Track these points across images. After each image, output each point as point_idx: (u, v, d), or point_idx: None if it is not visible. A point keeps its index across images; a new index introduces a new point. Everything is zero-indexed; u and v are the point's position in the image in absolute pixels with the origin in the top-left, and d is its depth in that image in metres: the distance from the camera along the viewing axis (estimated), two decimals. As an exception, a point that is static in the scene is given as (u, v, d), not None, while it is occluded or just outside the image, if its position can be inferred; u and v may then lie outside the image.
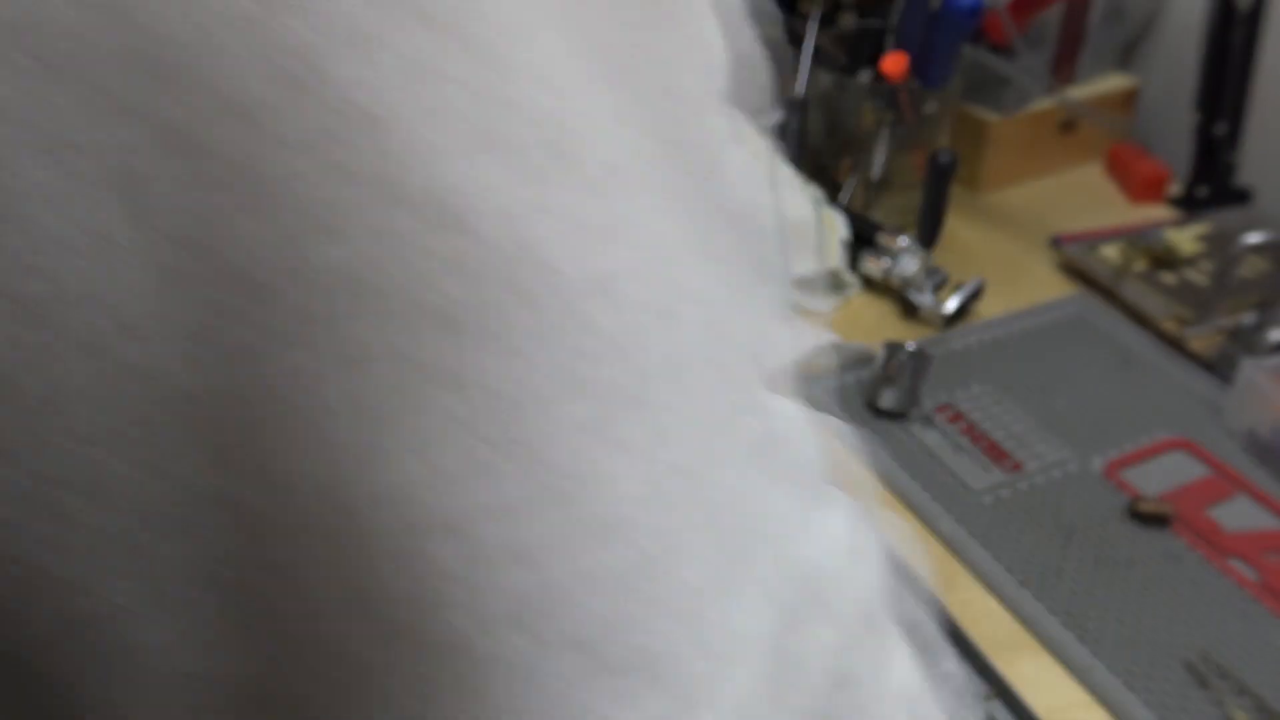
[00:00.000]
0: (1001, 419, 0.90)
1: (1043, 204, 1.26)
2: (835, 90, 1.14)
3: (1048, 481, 0.83)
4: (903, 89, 1.11)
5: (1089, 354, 0.98)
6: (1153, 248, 1.09)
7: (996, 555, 0.76)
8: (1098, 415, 0.90)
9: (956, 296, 1.02)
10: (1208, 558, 0.76)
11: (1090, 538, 0.78)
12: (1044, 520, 0.80)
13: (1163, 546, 0.77)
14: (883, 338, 0.95)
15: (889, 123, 1.13)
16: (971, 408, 0.91)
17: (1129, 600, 0.73)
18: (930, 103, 1.12)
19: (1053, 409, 0.91)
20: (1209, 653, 0.69)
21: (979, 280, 1.04)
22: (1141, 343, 0.99)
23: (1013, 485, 0.83)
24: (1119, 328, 1.02)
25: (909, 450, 0.86)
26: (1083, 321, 1.03)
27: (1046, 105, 1.27)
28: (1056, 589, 0.74)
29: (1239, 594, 0.73)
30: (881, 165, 1.15)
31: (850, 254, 1.07)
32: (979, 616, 0.72)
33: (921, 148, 1.15)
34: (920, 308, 1.02)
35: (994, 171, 1.28)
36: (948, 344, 0.99)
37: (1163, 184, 1.25)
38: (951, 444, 0.87)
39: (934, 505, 0.81)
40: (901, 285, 1.04)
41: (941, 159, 0.95)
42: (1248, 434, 0.87)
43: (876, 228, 1.10)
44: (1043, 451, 0.86)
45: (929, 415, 0.90)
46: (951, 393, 0.93)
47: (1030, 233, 1.19)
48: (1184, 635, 0.70)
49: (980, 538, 0.78)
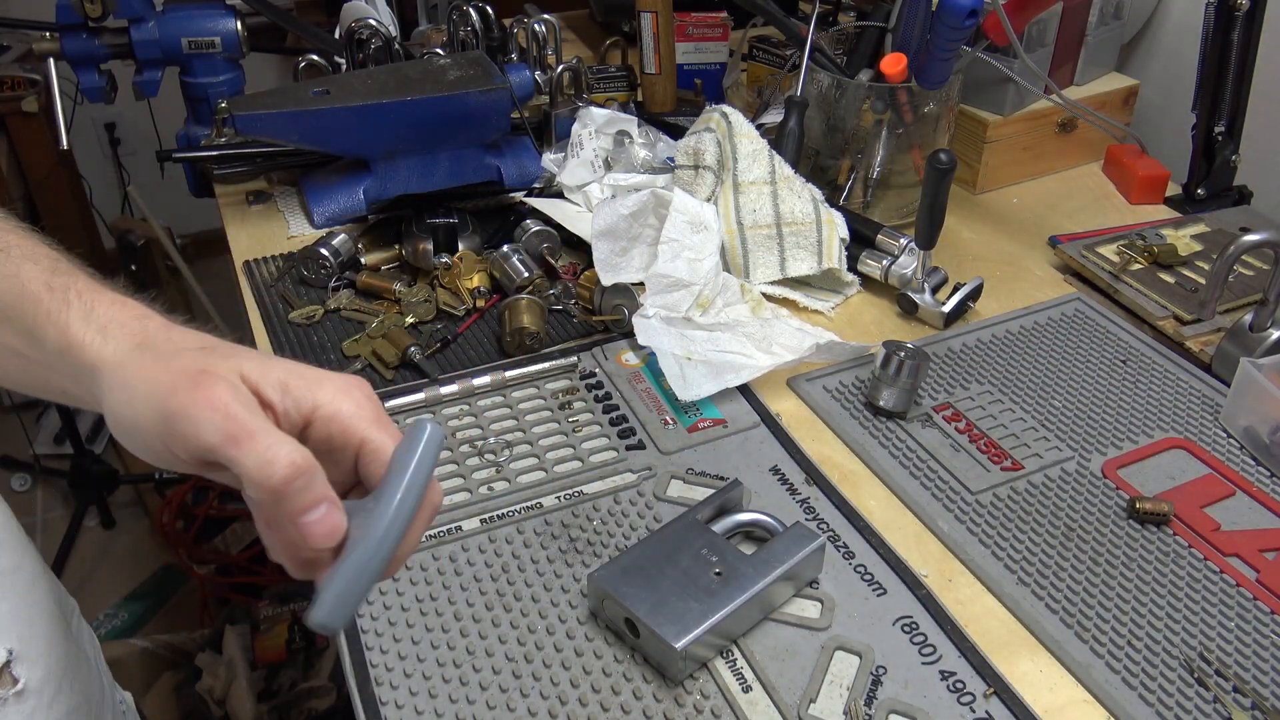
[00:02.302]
0: (1001, 419, 0.90)
1: (1041, 204, 1.26)
2: (835, 90, 1.14)
3: (1047, 481, 0.84)
4: (902, 89, 1.12)
5: (1088, 354, 0.98)
6: (1151, 247, 1.09)
7: (996, 554, 0.77)
8: (1096, 414, 0.91)
9: (956, 296, 1.02)
10: (1206, 556, 0.77)
11: (1089, 537, 0.78)
12: (1043, 519, 0.80)
13: (1161, 545, 0.78)
14: (882, 337, 0.95)
15: (888, 123, 1.13)
16: (971, 407, 0.91)
17: (1127, 598, 0.73)
18: (930, 103, 1.12)
19: (1052, 408, 0.91)
20: (1207, 650, 0.70)
21: (978, 280, 1.04)
22: (1140, 342, 1.00)
23: (1012, 485, 0.83)
24: (1117, 327, 1.02)
25: (909, 450, 0.87)
26: (1081, 321, 1.03)
27: (1046, 105, 1.27)
28: (1055, 587, 0.74)
29: (1237, 592, 0.74)
30: (881, 165, 1.16)
31: (850, 254, 1.08)
32: (978, 615, 0.73)
33: (921, 148, 1.15)
34: (920, 307, 1.03)
35: (993, 171, 1.28)
36: (947, 344, 1.00)
37: (1161, 184, 1.25)
38: (951, 443, 0.87)
39: (934, 505, 0.81)
40: (901, 285, 1.05)
41: (941, 159, 0.95)
42: (1246, 433, 0.87)
43: (876, 228, 1.10)
44: (1041, 451, 0.86)
45: (929, 415, 0.90)
46: (951, 392, 0.93)
47: (1029, 232, 1.20)
48: (1182, 633, 0.71)
49: (980, 537, 0.78)
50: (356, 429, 0.48)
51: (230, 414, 0.44)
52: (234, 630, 1.79)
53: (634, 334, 0.94)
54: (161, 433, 0.45)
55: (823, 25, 1.30)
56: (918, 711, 0.65)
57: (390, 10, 1.45)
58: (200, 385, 0.44)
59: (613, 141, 1.22)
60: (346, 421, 0.48)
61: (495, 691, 0.67)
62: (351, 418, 0.48)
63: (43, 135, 2.38)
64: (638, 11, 1.35)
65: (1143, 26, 1.41)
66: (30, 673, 0.66)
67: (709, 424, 0.89)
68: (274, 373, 0.47)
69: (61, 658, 0.70)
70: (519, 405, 0.92)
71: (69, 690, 0.70)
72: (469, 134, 1.17)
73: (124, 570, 2.21)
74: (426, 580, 0.75)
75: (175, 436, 0.44)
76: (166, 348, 0.48)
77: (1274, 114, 1.24)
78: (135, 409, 0.45)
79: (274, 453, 0.43)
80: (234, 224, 1.22)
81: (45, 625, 0.69)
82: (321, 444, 0.48)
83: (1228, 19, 1.12)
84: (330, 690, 1.71)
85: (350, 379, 0.50)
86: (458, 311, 1.04)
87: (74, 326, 0.49)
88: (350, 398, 0.49)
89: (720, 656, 0.69)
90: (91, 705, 0.75)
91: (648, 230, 1.02)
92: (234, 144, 1.26)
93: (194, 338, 0.49)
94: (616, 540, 0.78)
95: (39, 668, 0.67)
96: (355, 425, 0.48)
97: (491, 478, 0.84)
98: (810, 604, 0.73)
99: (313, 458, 0.45)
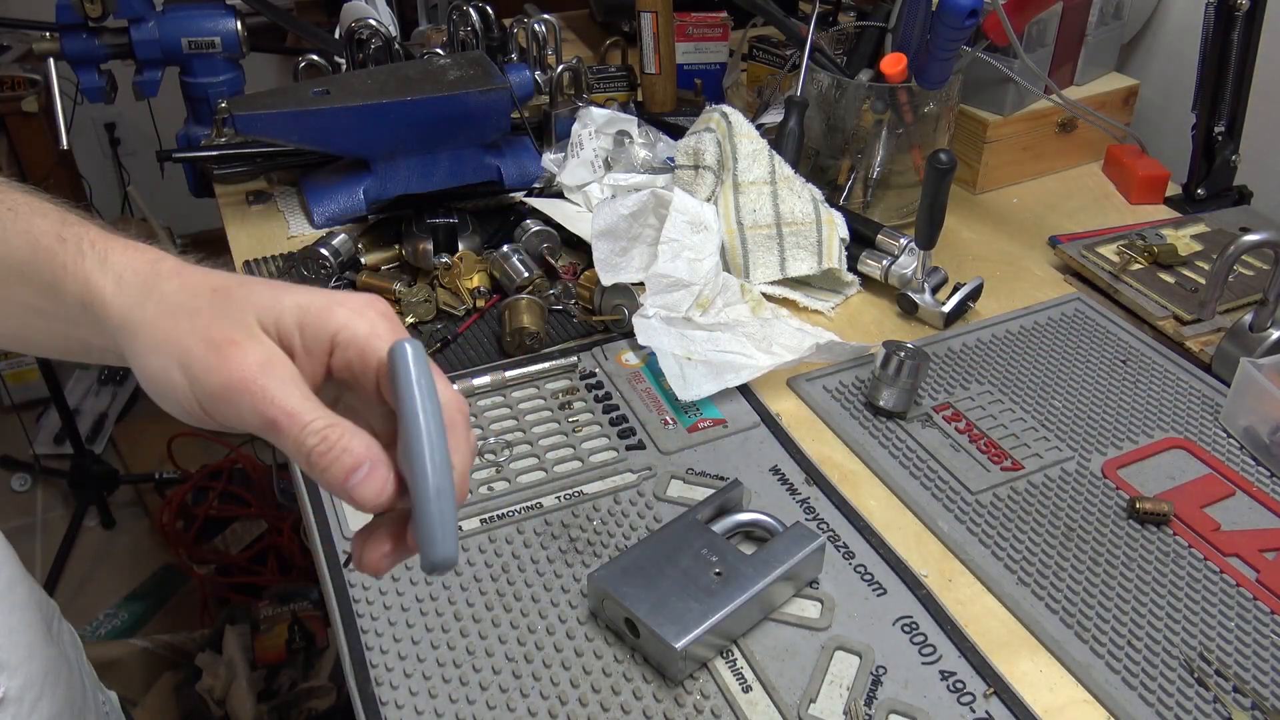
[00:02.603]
0: (1001, 419, 0.90)
1: (1041, 204, 1.26)
2: (835, 90, 1.14)
3: (1047, 481, 0.84)
4: (902, 89, 1.12)
5: (1088, 354, 0.98)
6: (1151, 247, 1.09)
7: (996, 554, 0.77)
8: (1096, 414, 0.91)
9: (956, 296, 1.02)
10: (1206, 556, 0.77)
11: (1089, 537, 0.78)
12: (1043, 519, 0.80)
13: (1161, 545, 0.78)
14: (882, 337, 0.95)
15: (888, 123, 1.13)
16: (971, 407, 0.91)
17: (1127, 598, 0.73)
18: (930, 103, 1.12)
19: (1051, 408, 0.91)
20: (1207, 650, 0.70)
21: (978, 280, 1.04)
22: (1140, 342, 1.00)
23: (1012, 485, 0.83)
24: (1117, 327, 1.02)
25: (909, 450, 0.87)
26: (1081, 321, 1.03)
27: (1046, 105, 1.27)
28: (1055, 587, 0.74)
29: (1237, 592, 0.74)
30: (881, 165, 1.16)
31: (850, 254, 1.08)
32: (978, 615, 0.73)
33: (921, 148, 1.15)
34: (920, 307, 1.03)
35: (993, 171, 1.28)
36: (947, 344, 1.00)
37: (1161, 184, 1.25)
38: (951, 443, 0.87)
39: (934, 504, 0.81)
40: (901, 285, 1.05)
41: (941, 159, 0.95)
42: (1246, 433, 0.87)
43: (876, 228, 1.10)
44: (1041, 451, 0.86)
45: (929, 415, 0.90)
46: (951, 392, 0.93)
47: (1029, 232, 1.20)
48: (1182, 633, 0.71)
49: (980, 537, 0.78)
50: (373, 350, 0.47)
51: (267, 397, 0.44)
52: (234, 630, 1.79)
53: (634, 334, 0.94)
54: (201, 404, 0.45)
55: (823, 25, 1.30)
56: (918, 711, 0.65)
57: (390, 10, 1.45)
58: (230, 361, 0.44)
59: (613, 141, 1.22)
60: (363, 344, 0.47)
61: (495, 691, 0.67)
62: (367, 339, 0.47)
63: (43, 135, 2.38)
64: (638, 11, 1.35)
65: (1143, 26, 1.41)
66: (10, 682, 0.65)
67: (709, 424, 0.89)
68: (289, 314, 0.47)
69: (42, 664, 0.69)
70: (519, 405, 0.92)
71: (50, 697, 0.69)
72: (469, 134, 1.17)
73: (124, 570, 2.21)
74: (426, 580, 0.75)
75: (216, 412, 0.45)
76: (180, 297, 0.47)
77: (1274, 114, 1.24)
78: (171, 378, 0.46)
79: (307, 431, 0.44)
80: (234, 224, 1.22)
81: (24, 633, 0.68)
82: (344, 371, 0.47)
83: (1228, 19, 1.12)
84: (330, 690, 1.71)
85: (366, 298, 0.49)
86: (458, 311, 1.04)
87: (92, 277, 0.48)
88: (365, 318, 0.48)
89: (720, 656, 0.69)
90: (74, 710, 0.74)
91: (648, 230, 1.02)
92: (234, 144, 1.26)
93: (205, 279, 0.48)
94: (616, 540, 0.78)
95: (18, 676, 0.66)
96: (372, 346, 0.47)
97: (491, 478, 0.84)
98: (810, 604, 0.73)
99: (347, 425, 0.44)
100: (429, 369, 0.45)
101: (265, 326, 0.46)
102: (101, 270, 0.48)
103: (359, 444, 0.44)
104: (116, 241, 0.50)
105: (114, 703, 0.87)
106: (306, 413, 0.44)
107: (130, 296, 0.48)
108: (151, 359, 0.46)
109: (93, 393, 2.56)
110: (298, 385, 0.45)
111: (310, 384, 0.46)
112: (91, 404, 2.55)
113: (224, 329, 0.46)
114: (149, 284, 0.48)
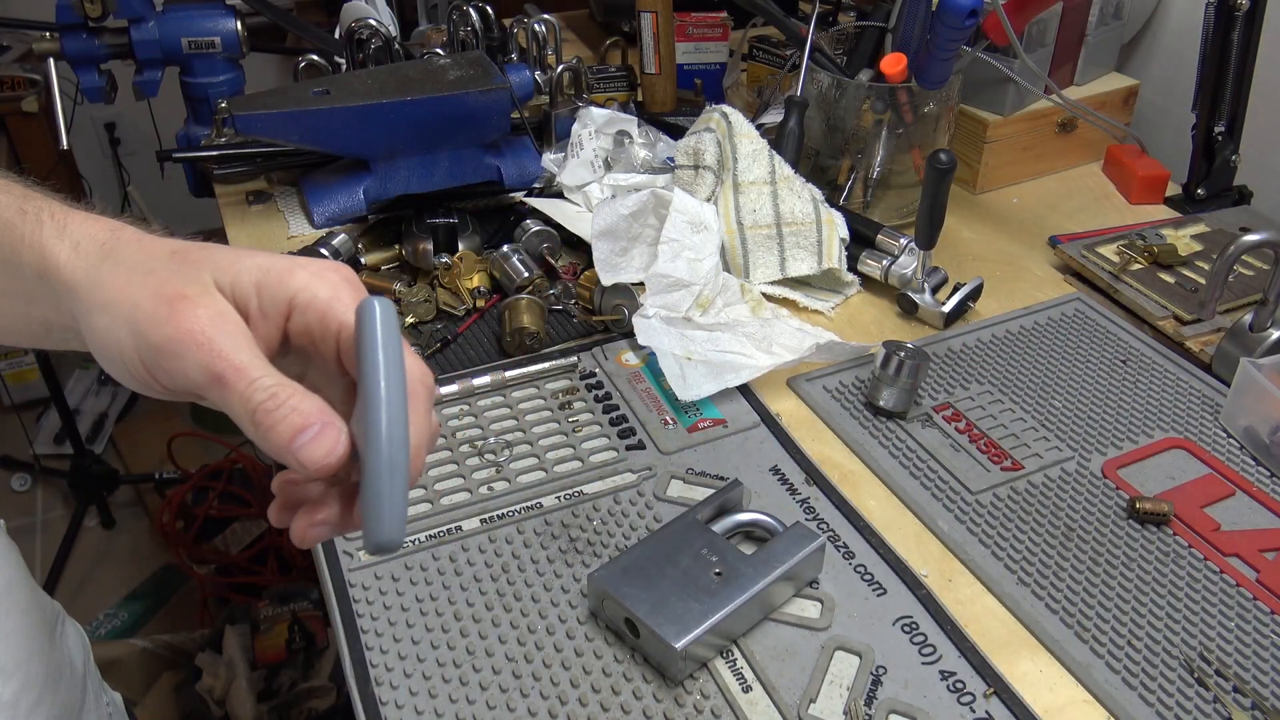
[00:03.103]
0: (1001, 419, 0.90)
1: (1041, 204, 1.26)
2: (835, 90, 1.14)
3: (1046, 481, 0.84)
4: (902, 89, 1.12)
5: (1088, 354, 0.98)
6: (1151, 247, 1.09)
7: (996, 554, 0.77)
8: (1096, 415, 0.91)
9: (956, 296, 1.02)
10: (1206, 556, 0.77)
11: (1089, 537, 0.78)
12: (1043, 519, 0.80)
13: (1161, 545, 0.78)
14: (882, 337, 0.95)
15: (888, 123, 1.13)
16: (971, 407, 0.91)
17: (1127, 598, 0.73)
18: (930, 103, 1.12)
19: (1052, 408, 0.91)
20: (1207, 650, 0.69)
21: (978, 280, 1.04)
22: (1140, 342, 1.00)
23: (1012, 485, 0.83)
24: (1117, 327, 1.02)
25: (909, 450, 0.87)
26: (1081, 321, 1.03)
27: (1046, 105, 1.27)
28: (1055, 587, 0.74)
29: (1237, 592, 0.74)
30: (881, 165, 1.16)
31: (850, 254, 1.08)
32: (978, 615, 0.73)
33: (921, 148, 1.15)
34: (920, 307, 1.03)
35: (993, 171, 1.28)
36: (947, 344, 1.00)
37: (1161, 184, 1.25)
38: (951, 443, 0.87)
39: (934, 504, 0.81)
40: (901, 285, 1.05)
41: (941, 159, 0.95)
42: (1246, 433, 0.87)
43: (876, 228, 1.10)
44: (1041, 451, 0.86)
45: (929, 415, 0.90)
46: (951, 392, 0.93)
47: (1029, 232, 1.20)
48: (1182, 633, 0.71)
49: (980, 537, 0.78)
50: (334, 314, 0.45)
51: (215, 350, 0.42)
52: (234, 630, 1.79)
53: (634, 334, 0.94)
54: (145, 363, 0.43)
55: (823, 25, 1.30)
56: (918, 711, 0.65)
57: (390, 10, 1.45)
58: (180, 314, 0.43)
59: (613, 141, 1.22)
60: (323, 307, 0.45)
61: (495, 691, 0.67)
62: (328, 302, 0.45)
63: (43, 135, 2.38)
64: (638, 11, 1.35)
65: (1143, 26, 1.41)
66: (5, 686, 0.64)
67: (709, 424, 0.89)
68: (247, 274, 0.45)
69: (43, 668, 0.69)
70: (519, 405, 0.92)
71: (49, 700, 0.69)
72: (469, 134, 1.17)
73: (124, 570, 2.21)
74: (426, 580, 0.75)
75: (160, 371, 0.43)
76: (138, 258, 0.46)
77: (1274, 114, 1.24)
78: (117, 335, 0.44)
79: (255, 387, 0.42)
80: (234, 224, 1.22)
81: (23, 636, 0.68)
82: (302, 337, 0.46)
83: (1228, 19, 1.12)
84: (330, 690, 1.71)
85: (328, 263, 0.47)
86: (458, 311, 1.04)
87: (49, 245, 0.47)
88: (326, 281, 0.45)
89: (720, 656, 0.69)
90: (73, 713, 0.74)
91: (648, 230, 1.02)
92: (234, 144, 1.26)
93: (165, 244, 0.47)
94: (616, 540, 0.78)
95: (15, 680, 0.65)
96: (333, 310, 0.45)
97: (491, 478, 0.84)
98: (810, 604, 0.73)
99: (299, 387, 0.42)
100: (398, 331, 0.43)
101: (221, 286, 0.45)
102: (59, 238, 0.47)
103: (309, 404, 0.42)
104: (77, 214, 0.49)
105: (118, 704, 0.87)
106: (255, 369, 0.42)
107: (86, 261, 0.46)
108: (99, 317, 0.44)
109: (93, 393, 2.57)
110: (249, 343, 0.43)
111: (265, 348, 0.45)
112: (91, 404, 2.55)
113: (176, 285, 0.44)
114: (107, 249, 0.46)
